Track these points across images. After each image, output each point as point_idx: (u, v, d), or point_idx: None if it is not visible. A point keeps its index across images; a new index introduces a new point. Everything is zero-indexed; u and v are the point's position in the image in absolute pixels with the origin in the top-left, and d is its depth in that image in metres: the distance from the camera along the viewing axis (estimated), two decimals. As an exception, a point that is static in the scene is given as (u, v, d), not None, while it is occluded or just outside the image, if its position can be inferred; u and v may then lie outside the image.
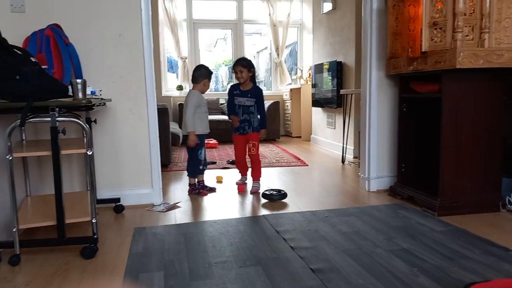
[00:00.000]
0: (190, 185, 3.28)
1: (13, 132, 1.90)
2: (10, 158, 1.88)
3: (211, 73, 3.30)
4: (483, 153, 2.61)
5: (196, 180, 3.29)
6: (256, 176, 3.31)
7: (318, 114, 5.91)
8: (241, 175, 3.51)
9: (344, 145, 4.54)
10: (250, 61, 3.27)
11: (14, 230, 1.93)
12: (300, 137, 6.67)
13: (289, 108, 6.86)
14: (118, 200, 2.79)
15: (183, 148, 5.61)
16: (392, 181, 3.18)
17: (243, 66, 3.19)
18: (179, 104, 6.23)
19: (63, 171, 2.23)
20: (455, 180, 2.59)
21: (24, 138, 2.42)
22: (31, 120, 1.94)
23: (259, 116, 3.30)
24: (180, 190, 3.36)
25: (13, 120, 1.90)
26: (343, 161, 4.48)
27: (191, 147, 3.20)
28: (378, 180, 3.21)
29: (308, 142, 6.26)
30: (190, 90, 3.27)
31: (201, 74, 3.22)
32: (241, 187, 3.33)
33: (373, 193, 3.16)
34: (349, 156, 4.70)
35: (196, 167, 3.27)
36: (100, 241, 2.20)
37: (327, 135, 5.57)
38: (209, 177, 3.67)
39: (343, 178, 3.74)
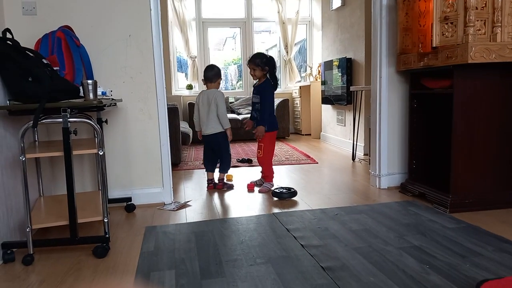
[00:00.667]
0: (220, 179, 3.36)
1: (26, 133, 1.93)
2: (23, 159, 1.92)
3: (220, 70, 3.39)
4: (495, 149, 2.58)
5: (207, 177, 3.38)
6: (266, 178, 3.30)
7: (328, 112, 5.88)
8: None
9: (354, 142, 4.51)
10: (264, 58, 3.20)
11: (27, 230, 1.96)
12: (309, 134, 6.65)
13: (298, 105, 6.85)
14: (129, 199, 2.82)
15: (193, 147, 5.64)
16: (403, 178, 3.15)
17: (255, 64, 3.18)
18: (189, 104, 6.26)
19: (75, 171, 2.26)
20: (466, 176, 2.56)
21: (36, 139, 2.45)
22: (44, 121, 1.96)
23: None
24: (190, 189, 3.38)
25: (25, 121, 1.93)
26: (353, 159, 4.45)
27: (223, 143, 3.34)
28: (389, 177, 3.19)
29: (317, 140, 6.23)
30: (213, 89, 3.29)
31: (216, 74, 3.29)
32: (251, 185, 3.33)
33: (383, 190, 3.14)
34: (360, 154, 4.67)
35: (229, 161, 3.44)
36: (112, 240, 2.22)
37: (337, 133, 5.54)
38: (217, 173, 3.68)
39: (354, 175, 3.73)
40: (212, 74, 3.27)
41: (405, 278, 1.68)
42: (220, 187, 3.35)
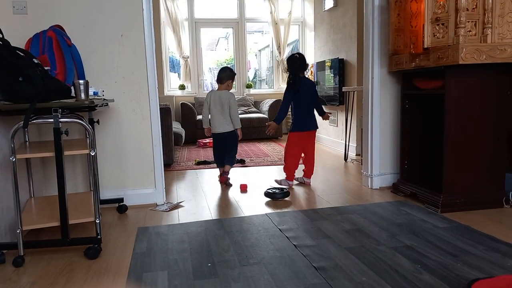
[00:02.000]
0: (226, 172, 3.52)
1: (17, 133, 1.91)
2: (14, 159, 1.89)
3: (234, 74, 3.55)
4: (486, 148, 2.60)
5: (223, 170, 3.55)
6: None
7: (320, 112, 5.89)
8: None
9: (347, 143, 4.53)
10: (288, 60, 3.44)
11: (18, 231, 1.94)
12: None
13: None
14: (121, 200, 2.80)
15: (185, 148, 5.62)
16: (395, 178, 3.17)
17: None
18: (182, 104, 6.24)
19: (67, 171, 2.24)
20: (458, 176, 2.58)
21: (27, 140, 2.43)
22: (34, 121, 1.94)
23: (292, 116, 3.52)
24: (183, 189, 3.37)
25: (16, 121, 1.91)
26: (345, 159, 4.47)
27: (233, 141, 3.54)
28: (381, 177, 3.21)
29: (311, 140, 6.24)
30: (225, 91, 3.49)
31: (226, 76, 3.48)
32: (244, 186, 3.33)
33: (376, 190, 3.16)
34: (352, 154, 4.69)
35: (235, 156, 3.63)
36: (104, 241, 2.20)
37: (330, 133, 5.56)
38: (211, 173, 3.68)
39: (346, 175, 3.74)
40: (222, 76, 3.48)
41: (398, 278, 1.69)
42: (223, 180, 3.48)
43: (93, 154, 2.06)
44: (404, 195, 2.95)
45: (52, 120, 1.92)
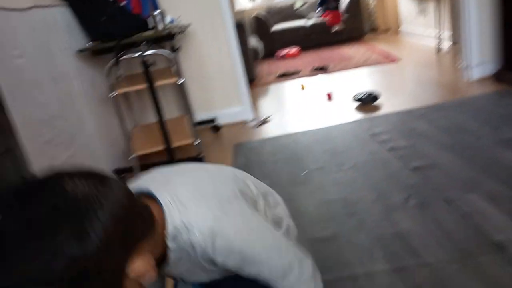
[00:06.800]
0: None
1: (112, 70, 2.05)
2: (115, 95, 2.06)
3: None
4: None
5: None
6: None
7: (406, 2, 5.34)
8: None
9: (440, 33, 4.10)
10: None
11: (131, 158, 2.18)
12: (388, 30, 6.17)
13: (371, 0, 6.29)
14: (214, 120, 2.94)
15: (265, 62, 5.56)
16: (496, 67, 2.84)
17: None
18: (254, 17, 6.08)
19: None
20: None
21: (120, 75, 2.59)
22: (124, 57, 2.06)
23: None
24: (269, 103, 3.42)
25: (105, 60, 2.04)
26: (438, 51, 4.09)
27: None
28: (481, 66, 2.90)
29: (396, 36, 5.78)
30: None
31: None
32: (329, 95, 3.26)
33: (474, 82, 2.89)
34: (445, 46, 4.27)
35: None
36: (205, 160, 2.38)
37: (419, 25, 5.06)
38: (293, 84, 3.66)
39: (439, 70, 3.46)
40: None
41: (500, 171, 1.60)
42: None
43: (179, 83, 2.15)
44: (507, 84, 2.66)
45: (139, 53, 2.02)
